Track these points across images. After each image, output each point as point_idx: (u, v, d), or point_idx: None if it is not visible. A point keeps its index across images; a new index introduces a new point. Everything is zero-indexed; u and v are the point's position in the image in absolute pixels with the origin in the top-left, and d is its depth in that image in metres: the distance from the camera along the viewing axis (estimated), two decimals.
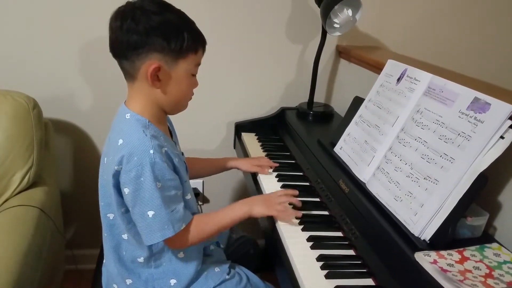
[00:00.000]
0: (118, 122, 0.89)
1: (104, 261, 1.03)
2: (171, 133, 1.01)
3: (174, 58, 0.85)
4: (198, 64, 0.90)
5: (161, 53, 0.83)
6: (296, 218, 0.99)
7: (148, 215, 0.83)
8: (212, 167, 1.29)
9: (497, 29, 1.76)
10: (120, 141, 0.84)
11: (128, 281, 0.96)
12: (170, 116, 0.99)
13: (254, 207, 0.97)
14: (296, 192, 1.04)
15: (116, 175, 0.83)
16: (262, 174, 1.23)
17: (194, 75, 0.91)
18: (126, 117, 0.87)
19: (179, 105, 0.93)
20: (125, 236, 0.93)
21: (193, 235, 0.91)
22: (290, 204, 1.02)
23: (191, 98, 0.95)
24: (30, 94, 1.28)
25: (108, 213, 0.93)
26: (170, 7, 0.86)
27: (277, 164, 1.26)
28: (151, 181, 0.81)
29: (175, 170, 0.89)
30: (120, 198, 0.86)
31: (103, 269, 1.04)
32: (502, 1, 1.73)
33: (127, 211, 0.88)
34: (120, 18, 0.81)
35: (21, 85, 1.33)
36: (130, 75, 0.87)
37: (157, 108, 0.90)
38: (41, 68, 1.45)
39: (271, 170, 1.24)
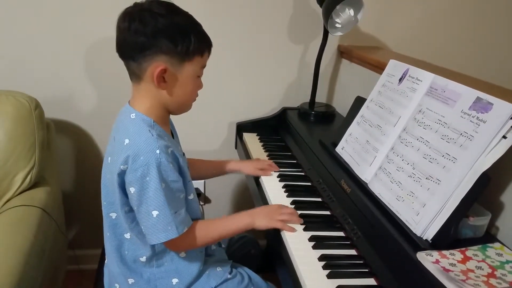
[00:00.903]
0: (123, 122, 0.89)
1: (106, 260, 1.03)
2: (172, 134, 1.01)
3: (180, 60, 0.85)
4: (204, 66, 0.91)
5: (168, 55, 0.83)
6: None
7: (153, 214, 0.83)
8: (213, 169, 1.29)
9: (497, 29, 1.76)
10: (126, 141, 0.84)
11: (130, 281, 0.96)
12: (171, 117, 1.00)
13: (257, 220, 0.98)
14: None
15: (122, 174, 0.84)
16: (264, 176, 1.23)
17: (199, 77, 0.91)
18: (131, 116, 0.87)
19: (184, 106, 0.94)
20: (127, 236, 0.93)
21: (196, 240, 0.92)
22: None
23: (195, 99, 0.95)
24: (32, 94, 1.28)
25: (111, 212, 0.93)
26: (177, 9, 0.86)
27: (279, 168, 1.26)
28: (156, 181, 0.82)
29: (180, 170, 0.89)
30: (124, 197, 0.87)
31: (105, 269, 1.04)
32: (503, 1, 1.72)
33: (130, 210, 0.88)
34: (128, 19, 0.82)
35: (23, 85, 1.34)
36: (136, 76, 0.87)
37: (162, 109, 0.90)
38: (43, 68, 1.45)
39: (273, 172, 1.24)
